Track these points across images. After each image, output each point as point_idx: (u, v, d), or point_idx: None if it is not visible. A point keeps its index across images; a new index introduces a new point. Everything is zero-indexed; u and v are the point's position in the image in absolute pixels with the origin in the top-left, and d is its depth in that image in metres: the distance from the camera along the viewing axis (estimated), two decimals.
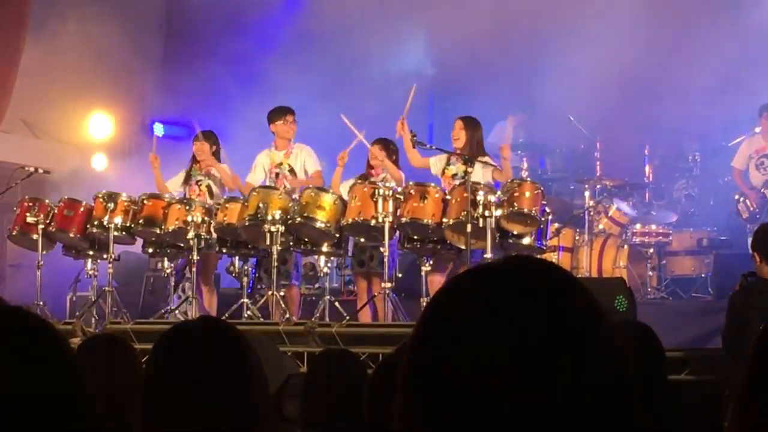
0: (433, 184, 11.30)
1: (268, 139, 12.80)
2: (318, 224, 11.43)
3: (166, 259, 12.88)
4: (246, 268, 12.47)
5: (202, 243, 12.01)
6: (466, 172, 11.17)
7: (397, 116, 12.16)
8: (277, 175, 12.44)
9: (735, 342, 8.22)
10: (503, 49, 15.56)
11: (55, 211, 12.81)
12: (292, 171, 12.45)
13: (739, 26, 14.81)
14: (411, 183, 11.28)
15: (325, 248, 11.82)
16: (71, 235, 12.77)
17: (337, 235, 11.61)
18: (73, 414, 2.21)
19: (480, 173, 11.36)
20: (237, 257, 12.50)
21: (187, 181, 12.85)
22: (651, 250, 13.62)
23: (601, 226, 13.99)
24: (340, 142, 12.52)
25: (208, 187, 12.72)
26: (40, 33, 15.90)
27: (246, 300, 11.96)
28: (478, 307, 1.73)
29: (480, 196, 10.78)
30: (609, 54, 14.90)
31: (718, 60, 14.54)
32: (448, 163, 11.87)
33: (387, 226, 11.01)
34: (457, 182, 11.37)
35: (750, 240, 12.90)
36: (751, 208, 13.53)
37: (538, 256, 10.66)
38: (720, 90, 14.42)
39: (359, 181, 11.77)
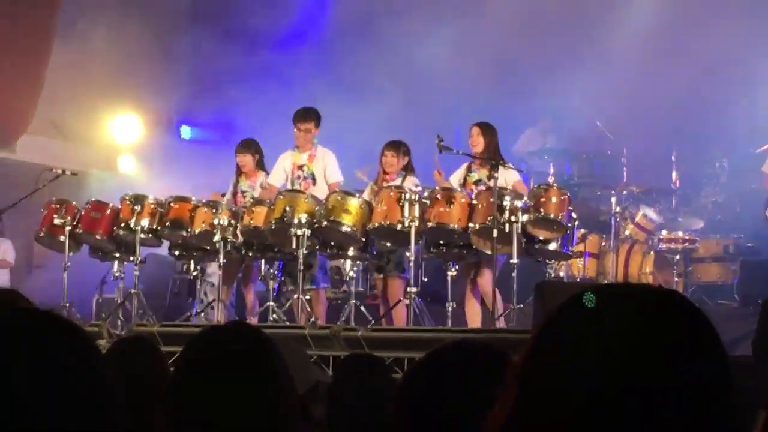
0: (459, 189, 11.30)
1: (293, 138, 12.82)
2: (344, 228, 11.42)
3: (192, 261, 12.91)
4: (272, 271, 12.47)
5: (228, 246, 12.01)
6: (489, 177, 11.21)
7: (418, 111, 12.17)
8: (299, 177, 12.39)
9: (765, 355, 8.16)
10: (531, 55, 15.56)
11: (82, 213, 12.83)
12: (313, 177, 12.39)
13: (761, 33, 14.77)
14: (437, 188, 11.25)
15: (351, 252, 11.81)
16: (98, 237, 12.78)
17: (363, 239, 11.60)
18: (101, 416, 2.23)
19: (503, 178, 11.34)
20: (263, 261, 12.49)
21: (234, 191, 12.82)
22: (677, 257, 13.57)
23: (627, 232, 13.97)
24: (362, 138, 12.58)
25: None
26: (69, 36, 15.98)
27: (272, 303, 11.97)
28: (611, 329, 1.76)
29: (506, 201, 10.75)
30: (636, 61, 14.92)
31: (744, 66, 14.53)
32: (469, 171, 11.81)
33: (413, 230, 11.01)
34: (482, 187, 11.35)
35: None
36: None
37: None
38: (746, 96, 14.38)
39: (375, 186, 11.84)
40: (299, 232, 11.38)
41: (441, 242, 11.36)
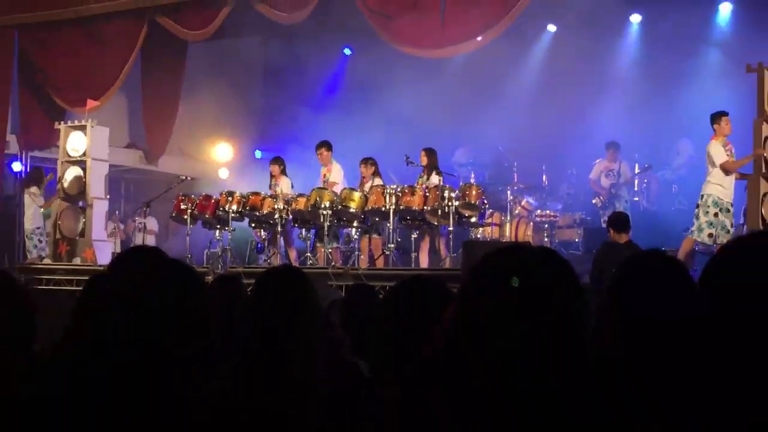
0: (418, 185, 11.35)
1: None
2: (351, 210, 11.46)
3: (262, 230, 12.90)
4: (308, 235, 12.47)
5: (284, 221, 12.05)
6: (428, 179, 11.29)
7: (397, 147, 12.12)
8: (325, 181, 12.45)
9: (597, 283, 8.24)
10: (464, 103, 15.50)
11: (197, 202, 12.81)
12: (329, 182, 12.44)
13: (592, 91, 14.77)
14: (405, 186, 11.32)
15: (355, 224, 11.84)
16: (207, 216, 12.76)
17: (363, 216, 11.63)
18: (204, 323, 2.27)
19: (434, 180, 11.41)
20: (303, 229, 12.50)
21: (270, 187, 12.86)
22: (546, 226, 13.61)
23: (516, 212, 13.98)
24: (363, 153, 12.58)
25: (280, 190, 12.71)
26: (188, 93, 15.94)
27: (308, 254, 11.98)
28: (501, 269, 1.75)
29: (446, 193, 10.83)
30: (524, 108, 14.93)
31: (585, 113, 14.59)
32: (421, 177, 11.86)
33: (392, 211, 11.06)
34: (431, 185, 11.35)
35: (602, 220, 13.02)
36: (603, 200, 13.63)
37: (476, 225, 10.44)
38: (586, 130, 14.43)
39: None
40: (324, 212, 11.42)
41: (408, 218, 11.41)
